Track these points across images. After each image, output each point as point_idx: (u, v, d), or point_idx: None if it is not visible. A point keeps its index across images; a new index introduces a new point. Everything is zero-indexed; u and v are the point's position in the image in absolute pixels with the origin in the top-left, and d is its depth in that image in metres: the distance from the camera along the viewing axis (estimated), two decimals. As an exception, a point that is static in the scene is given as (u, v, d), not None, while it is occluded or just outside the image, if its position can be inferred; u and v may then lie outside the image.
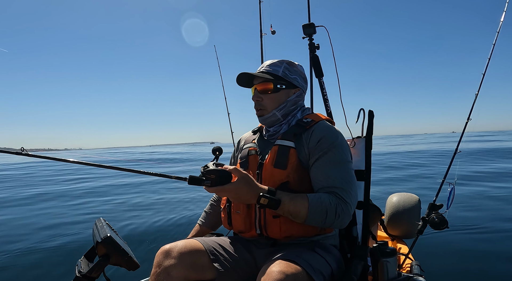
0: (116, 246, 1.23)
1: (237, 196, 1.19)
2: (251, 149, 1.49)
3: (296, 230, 1.31)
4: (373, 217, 1.97)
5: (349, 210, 1.25)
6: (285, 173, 1.33)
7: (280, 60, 1.48)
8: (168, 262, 1.23)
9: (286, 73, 1.46)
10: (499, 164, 10.83)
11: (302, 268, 1.16)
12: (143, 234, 4.28)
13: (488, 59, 2.27)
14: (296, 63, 1.51)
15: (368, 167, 1.65)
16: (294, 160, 1.34)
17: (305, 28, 2.24)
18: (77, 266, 1.29)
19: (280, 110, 1.45)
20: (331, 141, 1.34)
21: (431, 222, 1.90)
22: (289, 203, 1.20)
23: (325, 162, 1.31)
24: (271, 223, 1.32)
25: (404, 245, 2.34)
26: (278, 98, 1.45)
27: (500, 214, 4.79)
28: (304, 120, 1.44)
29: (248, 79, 1.50)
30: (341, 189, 1.26)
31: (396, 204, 2.41)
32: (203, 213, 1.74)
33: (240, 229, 1.43)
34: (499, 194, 6.03)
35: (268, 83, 1.44)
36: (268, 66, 1.47)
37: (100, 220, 1.44)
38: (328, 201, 1.22)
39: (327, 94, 2.12)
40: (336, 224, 1.25)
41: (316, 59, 2.21)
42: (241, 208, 1.40)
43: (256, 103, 1.48)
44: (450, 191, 1.95)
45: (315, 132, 1.37)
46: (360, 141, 1.74)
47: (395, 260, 1.45)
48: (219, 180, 1.14)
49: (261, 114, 1.47)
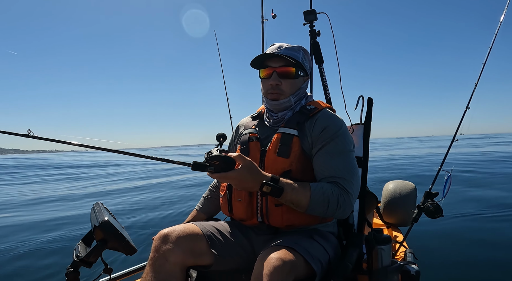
0: (114, 231, 1.23)
1: (240, 183, 1.16)
2: (251, 135, 1.45)
3: (298, 219, 1.31)
4: (369, 205, 1.99)
5: (351, 201, 1.25)
6: (288, 162, 1.32)
7: (296, 45, 1.43)
8: (166, 247, 1.24)
9: (303, 60, 1.42)
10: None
11: (301, 255, 1.17)
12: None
13: (489, 48, 2.25)
14: (308, 51, 1.49)
15: (366, 154, 1.65)
16: (297, 149, 1.33)
17: (306, 14, 2.21)
18: (74, 250, 1.29)
19: (295, 96, 1.42)
20: (334, 131, 1.33)
21: (426, 210, 1.91)
22: (292, 192, 1.19)
23: (328, 151, 1.30)
24: (273, 212, 1.31)
25: (399, 233, 2.36)
26: (296, 84, 1.41)
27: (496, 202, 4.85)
28: (308, 107, 1.42)
29: (259, 60, 1.42)
30: (344, 179, 1.26)
31: (392, 192, 2.43)
32: (201, 199, 1.73)
33: (241, 217, 1.41)
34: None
35: (291, 68, 1.38)
36: (287, 50, 1.39)
37: (98, 204, 1.44)
38: (330, 191, 1.22)
39: (326, 80, 2.11)
40: (337, 214, 1.25)
41: (317, 46, 2.19)
42: (243, 196, 1.38)
43: (274, 86, 1.38)
44: (446, 179, 1.96)
45: (319, 121, 1.36)
46: (358, 128, 1.74)
47: (390, 247, 1.46)
48: (222, 166, 1.12)
49: (276, 98, 1.40)
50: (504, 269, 2.86)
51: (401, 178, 2.64)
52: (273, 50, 1.41)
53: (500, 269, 2.86)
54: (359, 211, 1.64)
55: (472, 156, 13.55)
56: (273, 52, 1.39)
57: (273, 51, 1.40)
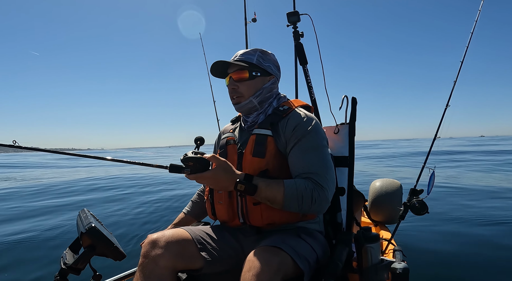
0: (101, 236, 1.22)
1: (216, 183, 1.21)
2: (229, 138, 1.50)
3: (278, 217, 1.33)
4: (356, 203, 2.01)
5: (326, 195, 1.25)
6: (264, 162, 1.34)
7: (253, 48, 1.48)
8: (156, 251, 1.23)
9: (260, 61, 1.46)
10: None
11: (288, 254, 1.18)
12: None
13: (466, 47, 2.32)
14: (269, 52, 1.51)
15: (352, 153, 1.67)
16: (272, 148, 1.35)
17: (289, 16, 2.22)
18: (62, 258, 1.27)
19: (257, 97, 1.45)
20: (305, 128, 1.35)
21: (412, 207, 1.94)
22: (266, 189, 1.22)
23: (300, 148, 1.32)
24: (252, 211, 1.34)
25: (387, 231, 2.39)
26: (254, 85, 1.45)
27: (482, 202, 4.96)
28: (280, 108, 1.45)
29: (223, 70, 1.49)
30: (316, 174, 1.27)
31: (378, 190, 2.46)
32: (189, 202, 1.74)
33: (224, 219, 1.45)
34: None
35: (243, 71, 1.43)
36: (241, 55, 1.46)
37: (84, 211, 1.42)
38: (303, 186, 1.23)
39: (311, 81, 2.13)
40: (313, 209, 1.26)
41: (300, 47, 2.21)
42: (223, 198, 1.41)
43: (232, 91, 1.46)
44: (430, 176, 1.99)
45: (290, 120, 1.38)
46: (343, 127, 1.76)
47: (379, 245, 1.48)
48: (197, 167, 1.17)
49: (237, 101, 1.46)
50: (491, 266, 2.91)
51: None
52: (232, 58, 1.48)
53: (487, 266, 2.91)
54: (347, 210, 1.65)
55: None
56: (231, 59, 1.47)
57: (231, 58, 1.48)
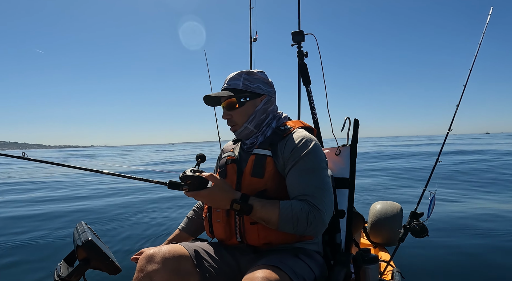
0: (97, 250, 1.21)
1: (212, 201, 1.23)
2: (228, 158, 1.50)
3: (274, 237, 1.32)
4: (356, 225, 2.00)
5: (322, 218, 1.24)
6: (263, 182, 1.34)
7: (238, 72, 1.46)
8: (151, 267, 1.22)
9: (246, 84, 1.44)
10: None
11: (286, 274, 1.17)
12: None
13: (469, 70, 2.33)
14: (255, 71, 1.49)
15: (353, 175, 1.67)
16: (271, 169, 1.35)
17: (294, 35, 2.25)
18: (56, 270, 1.26)
19: (251, 122, 1.45)
20: (303, 149, 1.34)
21: (412, 230, 1.93)
22: (261, 209, 1.22)
23: (298, 170, 1.32)
24: (249, 230, 1.33)
25: (386, 252, 2.37)
26: (246, 110, 1.44)
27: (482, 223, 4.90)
28: (282, 128, 1.45)
29: (214, 99, 1.49)
30: (313, 196, 1.26)
31: (378, 212, 2.45)
32: (185, 218, 1.73)
33: (221, 238, 1.44)
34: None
35: (231, 100, 1.43)
36: (228, 82, 1.46)
37: (81, 224, 1.42)
38: (299, 208, 1.22)
39: (314, 102, 2.15)
40: (308, 232, 1.25)
41: (304, 67, 2.23)
42: (220, 217, 1.41)
43: (228, 121, 1.48)
44: (430, 200, 1.99)
45: (289, 141, 1.38)
46: (345, 149, 1.77)
47: (377, 267, 1.47)
48: (195, 185, 1.20)
49: (234, 130, 1.48)
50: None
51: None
52: (223, 84, 1.49)
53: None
54: (346, 231, 1.64)
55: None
56: (222, 87, 1.48)
57: (223, 85, 1.48)
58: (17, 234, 4.38)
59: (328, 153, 1.81)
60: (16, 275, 3.09)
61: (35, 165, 18.65)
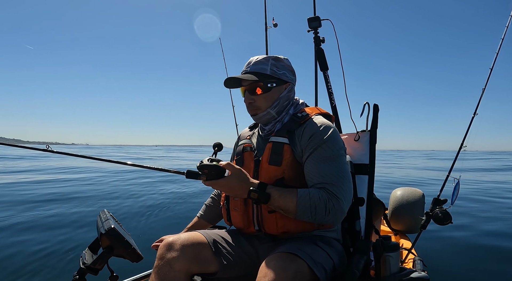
0: (120, 238, 1.24)
1: (230, 190, 1.22)
2: (245, 145, 1.49)
3: (293, 226, 1.31)
4: (376, 212, 1.97)
5: (341, 206, 1.22)
6: (280, 170, 1.33)
7: (265, 56, 1.43)
8: (171, 254, 1.24)
9: (274, 70, 1.40)
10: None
11: (304, 261, 1.17)
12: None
13: (496, 53, 2.24)
14: (282, 57, 1.46)
15: (372, 161, 1.64)
16: (288, 157, 1.33)
17: (310, 21, 2.21)
18: (81, 257, 1.30)
19: (274, 108, 1.42)
20: (321, 137, 1.32)
21: (434, 217, 1.89)
22: (279, 198, 1.21)
23: (316, 158, 1.30)
24: (268, 219, 1.33)
25: (407, 240, 2.33)
26: (271, 96, 1.41)
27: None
28: (299, 114, 1.42)
29: (236, 80, 1.43)
30: (332, 184, 1.24)
31: (399, 199, 2.40)
32: (203, 206, 1.74)
33: (239, 226, 1.44)
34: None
35: (258, 83, 1.39)
36: (254, 65, 1.41)
37: (104, 212, 1.45)
38: (317, 197, 1.21)
39: (331, 87, 2.11)
40: (327, 220, 1.23)
41: (321, 53, 2.19)
42: (238, 205, 1.41)
43: (249, 105, 1.43)
44: (454, 186, 1.94)
45: (307, 128, 1.35)
46: (364, 135, 1.73)
47: (398, 255, 1.45)
48: (212, 174, 1.20)
49: (255, 113, 1.43)
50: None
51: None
52: (244, 67, 1.44)
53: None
54: (366, 218, 1.62)
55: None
56: (243, 69, 1.43)
57: (244, 68, 1.44)
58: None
59: (346, 138, 1.78)
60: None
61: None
